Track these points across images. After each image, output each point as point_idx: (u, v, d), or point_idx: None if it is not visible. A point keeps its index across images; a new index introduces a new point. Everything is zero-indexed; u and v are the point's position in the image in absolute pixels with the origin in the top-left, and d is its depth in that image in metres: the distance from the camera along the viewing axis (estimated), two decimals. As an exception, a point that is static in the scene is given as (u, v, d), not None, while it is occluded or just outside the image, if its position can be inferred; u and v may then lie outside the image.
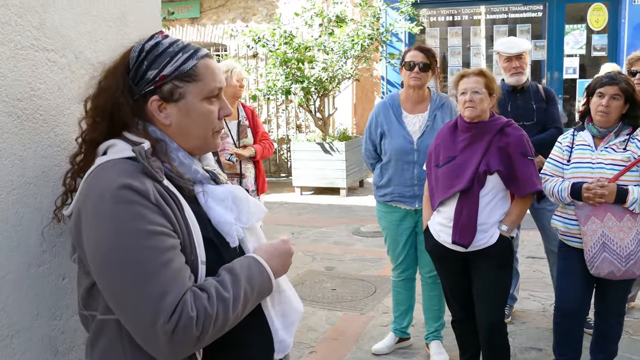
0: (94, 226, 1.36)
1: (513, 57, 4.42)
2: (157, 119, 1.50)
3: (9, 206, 1.59)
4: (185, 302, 1.32)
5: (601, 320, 3.49)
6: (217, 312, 1.35)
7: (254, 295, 1.46)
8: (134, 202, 1.34)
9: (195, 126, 1.53)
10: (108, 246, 1.33)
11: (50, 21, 1.72)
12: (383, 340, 4.22)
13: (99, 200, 1.36)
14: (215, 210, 1.50)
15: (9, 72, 1.58)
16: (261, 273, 1.48)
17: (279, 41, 9.71)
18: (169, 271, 1.33)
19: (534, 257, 6.09)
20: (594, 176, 3.24)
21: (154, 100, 1.49)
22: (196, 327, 1.31)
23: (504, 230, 3.22)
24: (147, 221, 1.34)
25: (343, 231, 7.57)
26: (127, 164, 1.42)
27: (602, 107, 3.26)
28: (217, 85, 1.54)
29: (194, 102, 1.51)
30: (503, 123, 3.27)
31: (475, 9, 10.76)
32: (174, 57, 1.50)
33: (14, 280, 1.61)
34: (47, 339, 1.72)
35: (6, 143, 1.58)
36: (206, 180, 1.55)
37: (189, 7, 12.34)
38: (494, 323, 3.33)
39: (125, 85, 1.49)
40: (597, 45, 10.17)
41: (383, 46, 10.14)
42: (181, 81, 1.49)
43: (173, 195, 1.43)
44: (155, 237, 1.34)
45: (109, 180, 1.37)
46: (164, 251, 1.34)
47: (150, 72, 1.49)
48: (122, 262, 1.32)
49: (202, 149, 1.59)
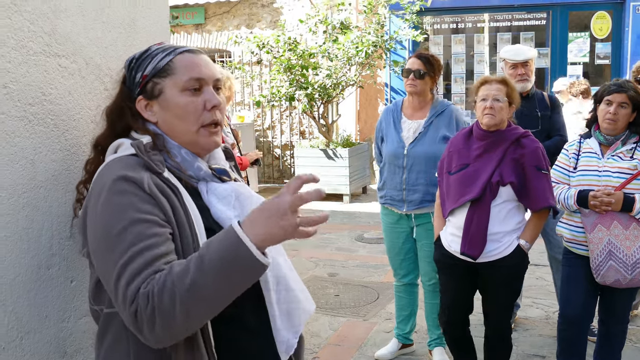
0: (93, 216, 1.42)
1: (519, 65, 4.44)
2: (145, 117, 1.56)
3: (19, 209, 1.61)
4: (145, 283, 1.31)
5: (605, 328, 3.49)
6: (163, 285, 1.28)
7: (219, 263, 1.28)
8: (126, 192, 1.39)
9: (178, 120, 1.54)
10: (100, 231, 1.39)
11: (62, 27, 1.75)
12: (386, 346, 4.23)
13: (99, 193, 1.41)
14: (216, 207, 1.52)
15: (21, 77, 1.61)
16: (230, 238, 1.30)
17: (283, 48, 9.75)
18: (143, 257, 1.33)
19: (537, 264, 6.09)
20: (600, 184, 3.24)
21: (140, 100, 1.55)
22: (148, 301, 1.28)
23: (524, 245, 3.16)
24: (136, 209, 1.37)
25: (346, 237, 7.58)
26: (130, 159, 1.46)
27: (609, 115, 3.26)
28: (193, 76, 1.53)
29: (172, 95, 1.53)
30: (520, 134, 3.20)
31: (479, 17, 10.80)
32: (154, 58, 1.56)
33: (24, 282, 1.63)
34: (55, 341, 1.74)
35: (17, 147, 1.60)
36: (210, 177, 1.56)
37: (193, 13, 12.40)
38: (501, 333, 3.34)
39: (124, 91, 1.59)
40: (601, 53, 10.19)
41: (387, 53, 10.17)
42: (159, 77, 1.54)
43: (173, 186, 1.46)
44: (140, 224, 1.36)
45: (110, 174, 1.43)
46: (146, 238, 1.35)
47: (137, 75, 1.56)
48: (110, 245, 1.36)
49: (194, 144, 1.56)
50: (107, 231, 1.37)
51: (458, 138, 3.38)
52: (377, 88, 11.04)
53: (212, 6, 12.30)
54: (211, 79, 1.57)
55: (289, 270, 1.61)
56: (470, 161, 3.23)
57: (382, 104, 11.20)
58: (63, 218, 1.75)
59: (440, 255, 3.37)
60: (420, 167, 3.81)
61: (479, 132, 3.25)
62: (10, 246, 1.58)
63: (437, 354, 4.03)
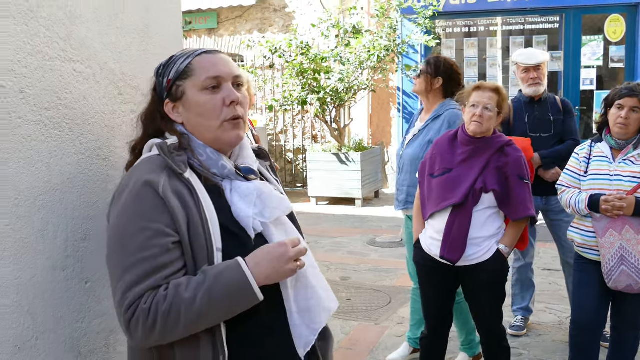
0: (115, 211, 1.55)
1: (531, 68, 4.43)
2: (173, 119, 1.66)
3: (35, 211, 1.63)
4: (147, 296, 1.45)
5: (617, 334, 3.46)
6: (170, 308, 1.43)
7: (224, 297, 1.45)
8: (142, 198, 1.49)
9: (201, 118, 1.63)
10: (112, 231, 1.53)
11: (77, 33, 1.78)
12: (398, 350, 4.23)
13: (123, 191, 1.54)
14: (236, 205, 1.60)
15: (37, 82, 1.64)
16: (238, 278, 1.47)
17: (295, 52, 9.78)
18: (143, 267, 1.46)
19: (550, 269, 6.07)
20: (611, 188, 3.23)
21: (167, 103, 1.67)
22: (148, 318, 1.43)
23: (504, 250, 3.17)
24: (147, 219, 1.48)
25: (358, 241, 7.59)
26: (157, 159, 1.57)
27: (621, 119, 3.25)
28: (210, 75, 1.62)
29: (193, 95, 1.63)
30: (504, 142, 3.21)
31: (491, 20, 10.77)
32: (176, 62, 1.66)
33: (39, 283, 1.65)
34: (70, 341, 1.76)
35: (33, 150, 1.63)
36: (234, 176, 1.64)
37: (206, 18, 12.47)
38: (494, 337, 3.33)
39: (155, 97, 1.71)
40: (615, 56, 10.13)
41: (399, 57, 10.17)
42: (180, 80, 1.64)
43: (191, 186, 1.54)
44: (147, 232, 1.47)
45: (136, 174, 1.55)
46: (151, 247, 1.46)
47: (164, 80, 1.68)
48: (117, 247, 1.50)
49: (217, 141, 1.64)
50: (118, 233, 1.51)
51: (443, 140, 3.36)
52: (390, 92, 11.04)
53: (224, 11, 12.36)
54: (229, 76, 1.64)
55: (310, 268, 1.66)
56: (453, 166, 3.23)
57: (394, 108, 11.20)
58: (78, 220, 1.78)
59: (420, 258, 3.37)
60: (407, 169, 3.88)
61: (464, 137, 3.25)
62: (26, 248, 1.61)
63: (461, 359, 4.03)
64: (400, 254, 6.95)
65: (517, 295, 4.65)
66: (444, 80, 3.85)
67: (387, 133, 11.39)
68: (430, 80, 3.86)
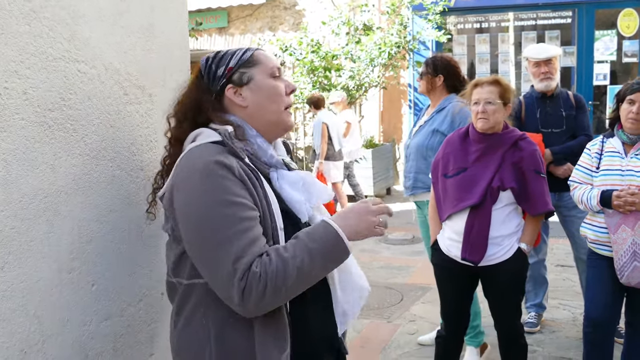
0: (186, 195, 1.57)
1: (542, 63, 4.39)
2: (236, 102, 1.73)
3: (40, 213, 1.62)
4: (255, 263, 1.50)
5: (632, 330, 3.42)
6: (276, 268, 1.50)
7: (321, 253, 1.56)
8: (221, 176, 1.54)
9: (269, 100, 1.75)
10: (196, 213, 1.54)
11: (81, 33, 1.77)
12: (429, 333, 4.29)
13: (190, 174, 1.56)
14: (287, 191, 1.70)
15: (40, 83, 1.62)
16: (327, 233, 1.58)
17: (306, 50, 9.77)
18: (245, 238, 1.51)
19: (564, 265, 6.02)
20: (623, 184, 3.19)
21: (229, 88, 1.74)
22: (259, 281, 1.48)
23: (525, 249, 3.14)
24: (231, 193, 1.53)
25: (370, 239, 7.55)
26: (215, 146, 1.61)
27: (632, 114, 3.21)
28: (276, 65, 1.79)
29: (262, 79, 1.75)
30: (517, 136, 3.17)
31: (503, 16, 10.70)
32: (234, 54, 1.76)
33: (45, 286, 1.64)
34: (77, 344, 1.75)
35: (38, 152, 1.62)
36: (280, 165, 1.74)
37: (216, 17, 12.48)
38: (512, 334, 3.30)
39: (201, 87, 1.76)
40: (628, 51, 10.03)
41: (410, 54, 10.12)
42: (246, 67, 1.74)
43: (254, 171, 1.63)
44: (236, 206, 1.53)
45: (201, 157, 1.57)
46: (243, 220, 1.53)
47: (219, 70, 1.75)
48: (207, 227, 1.53)
49: (278, 124, 1.77)
50: (203, 212, 1.53)
51: (454, 138, 3.32)
52: (401, 89, 10.99)
53: (235, 9, 12.36)
54: (280, 67, 1.81)
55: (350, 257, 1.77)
56: (468, 165, 3.18)
57: (405, 104, 11.16)
58: (83, 222, 1.77)
59: (439, 260, 3.34)
60: (413, 157, 4.03)
61: (475, 135, 3.20)
62: (31, 250, 1.60)
63: (469, 352, 3.99)
64: (413, 251, 6.93)
65: (530, 292, 4.61)
66: (444, 77, 4.00)
67: (398, 130, 11.35)
68: (432, 79, 4.02)
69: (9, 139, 1.53)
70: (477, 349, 4.00)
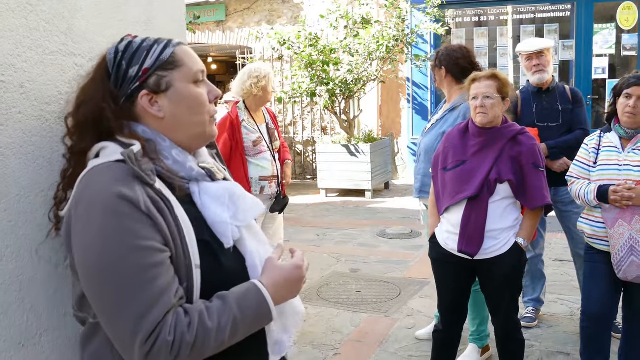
0: (83, 235, 1.33)
1: (533, 55, 4.40)
2: (150, 113, 1.46)
3: (37, 207, 1.62)
4: (165, 324, 1.29)
5: (629, 325, 3.43)
6: (195, 339, 1.30)
7: (247, 325, 1.41)
8: (123, 215, 1.30)
9: (191, 112, 1.49)
10: (94, 259, 1.30)
11: (78, 26, 1.76)
12: (427, 327, 4.29)
13: (89, 208, 1.33)
14: (210, 210, 1.46)
15: (37, 76, 1.62)
16: (260, 305, 1.42)
17: (304, 43, 9.74)
18: (152, 289, 1.29)
19: (561, 260, 6.02)
20: (620, 178, 3.19)
21: (143, 95, 1.45)
22: (171, 352, 1.28)
23: (522, 244, 3.14)
24: (135, 236, 1.30)
25: (368, 233, 7.57)
26: (119, 167, 1.36)
27: (629, 109, 3.21)
28: (200, 68, 1.52)
29: (184, 87, 1.48)
30: (516, 131, 3.18)
31: (502, 9, 10.68)
32: (150, 50, 1.48)
33: (42, 280, 1.64)
34: (75, 338, 1.75)
35: (35, 146, 1.62)
36: (202, 177, 1.50)
37: (214, 10, 12.46)
38: (509, 330, 3.30)
39: (106, 91, 1.46)
40: (627, 44, 10.02)
41: (408, 48, 10.11)
42: (164, 70, 1.47)
43: (165, 198, 1.39)
44: (141, 252, 1.30)
45: (101, 187, 1.33)
46: (150, 268, 1.30)
47: (131, 69, 1.46)
48: (106, 277, 1.29)
49: (201, 136, 1.54)
50: (105, 260, 1.29)
51: (454, 133, 3.34)
52: (399, 83, 10.98)
53: (232, 3, 12.33)
54: (205, 70, 1.57)
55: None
56: (467, 158, 3.20)
57: (403, 98, 11.15)
58: (81, 216, 1.76)
59: (437, 253, 3.35)
60: (422, 158, 3.96)
61: (475, 129, 3.22)
62: (28, 244, 1.60)
63: (469, 351, 4.00)
64: (411, 245, 6.94)
65: (527, 287, 4.61)
66: (447, 68, 3.92)
67: (396, 124, 11.34)
68: (438, 71, 3.97)
69: (6, 133, 1.53)
70: (479, 349, 4.01)
